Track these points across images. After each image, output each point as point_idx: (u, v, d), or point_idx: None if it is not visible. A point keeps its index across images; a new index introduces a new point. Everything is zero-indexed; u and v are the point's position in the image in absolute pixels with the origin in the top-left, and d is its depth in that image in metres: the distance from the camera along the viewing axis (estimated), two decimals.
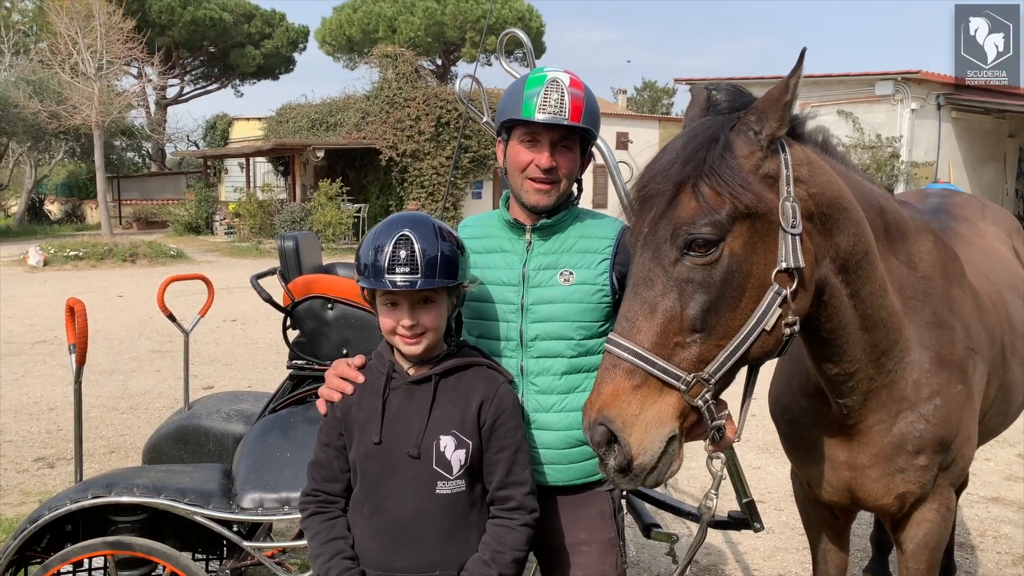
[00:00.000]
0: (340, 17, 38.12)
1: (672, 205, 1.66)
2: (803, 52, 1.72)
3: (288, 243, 3.22)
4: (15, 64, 28.53)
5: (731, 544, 4.37)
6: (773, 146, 1.73)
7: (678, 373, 1.64)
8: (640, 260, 1.70)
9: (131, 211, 33.96)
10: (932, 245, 2.30)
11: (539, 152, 2.01)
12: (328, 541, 1.90)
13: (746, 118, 1.73)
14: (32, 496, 4.92)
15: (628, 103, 40.19)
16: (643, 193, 1.73)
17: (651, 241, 1.68)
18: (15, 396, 7.35)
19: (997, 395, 2.58)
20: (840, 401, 2.16)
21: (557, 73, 2.00)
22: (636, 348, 1.64)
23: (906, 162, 19.72)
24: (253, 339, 10.04)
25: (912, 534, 2.34)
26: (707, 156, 1.66)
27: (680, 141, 1.74)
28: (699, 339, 1.66)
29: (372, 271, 1.84)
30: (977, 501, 5.03)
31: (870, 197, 2.10)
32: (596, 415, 1.64)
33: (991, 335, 2.46)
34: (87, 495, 2.64)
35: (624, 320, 1.69)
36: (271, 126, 29.14)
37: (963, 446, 2.29)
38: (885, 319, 2.06)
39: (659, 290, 1.66)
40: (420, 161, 25.08)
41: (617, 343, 1.66)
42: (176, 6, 36.48)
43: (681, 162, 1.68)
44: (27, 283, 15.72)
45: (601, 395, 1.65)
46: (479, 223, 2.21)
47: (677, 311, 1.65)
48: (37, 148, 30.59)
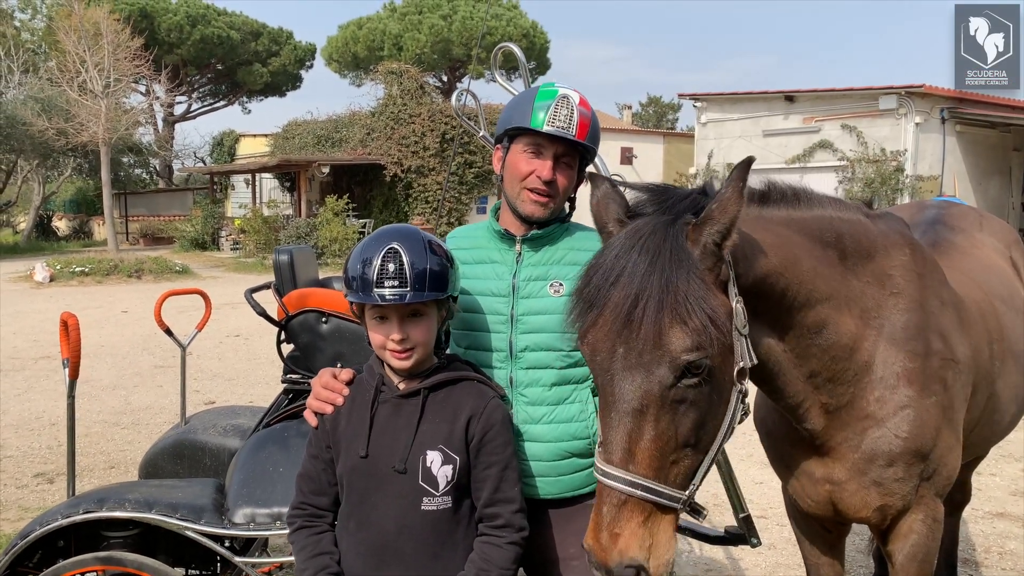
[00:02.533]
0: (346, 34, 38.42)
1: (659, 333, 1.61)
2: (749, 160, 1.71)
3: (283, 257, 3.22)
4: (24, 82, 28.80)
5: (732, 560, 4.33)
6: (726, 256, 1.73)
7: (676, 495, 1.66)
8: (624, 385, 1.63)
9: (138, 227, 34.16)
10: (908, 258, 2.28)
11: (542, 163, 2.03)
12: (313, 556, 1.88)
13: (705, 230, 1.69)
14: (31, 512, 4.91)
15: (633, 119, 40.29)
16: (615, 313, 1.65)
17: (637, 366, 1.62)
18: (17, 411, 7.36)
19: (987, 405, 2.56)
20: (800, 425, 2.18)
21: (568, 90, 2.04)
22: (641, 481, 1.62)
23: (911, 176, 19.69)
24: (256, 354, 10.04)
25: (900, 546, 2.33)
26: (679, 278, 1.63)
27: (638, 255, 1.66)
28: (689, 453, 1.68)
29: (360, 285, 1.82)
30: (982, 517, 4.97)
31: (823, 228, 2.08)
32: (621, 559, 1.61)
33: (976, 345, 2.45)
34: (78, 510, 2.62)
35: (618, 449, 1.62)
36: (277, 142, 29.33)
37: (945, 455, 2.28)
38: (825, 351, 2.05)
39: (652, 415, 1.62)
40: (425, 177, 25.17)
41: (619, 477, 1.62)
42: (185, 24, 36.85)
43: (655, 285, 1.63)
44: (33, 299, 15.78)
45: (621, 537, 1.62)
46: (468, 234, 2.21)
47: (672, 433, 1.65)
48: (45, 165, 30.81)
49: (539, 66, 38.82)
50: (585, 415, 2.07)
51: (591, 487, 2.10)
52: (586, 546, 1.66)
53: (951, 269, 2.61)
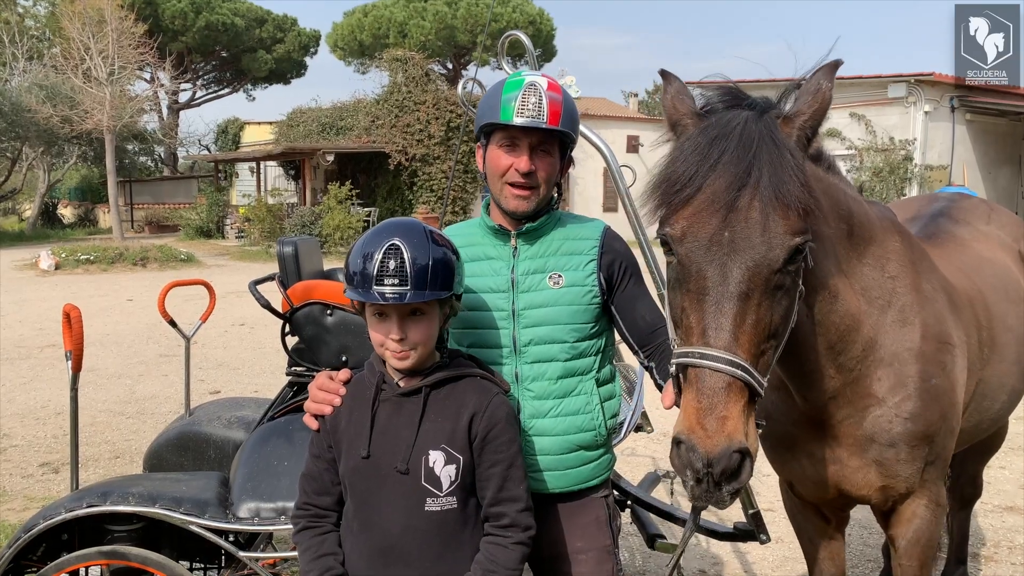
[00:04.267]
0: (351, 21, 38.24)
1: (770, 216, 1.63)
2: (837, 63, 1.77)
3: (287, 248, 3.19)
4: (28, 69, 28.77)
5: (739, 554, 4.30)
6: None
7: (764, 384, 1.65)
8: (732, 268, 1.63)
9: (143, 215, 34.14)
10: (900, 244, 2.33)
11: (518, 156, 1.99)
12: (317, 557, 1.85)
13: (797, 122, 1.74)
14: (36, 501, 4.90)
15: (639, 106, 40.04)
16: (718, 197, 1.65)
17: (747, 249, 1.62)
18: (23, 400, 7.36)
19: (976, 391, 2.58)
20: (802, 394, 2.18)
21: (535, 77, 1.99)
22: (744, 364, 1.60)
23: (919, 165, 19.56)
24: (261, 343, 10.03)
25: (903, 531, 2.35)
26: (784, 164, 1.65)
27: (737, 142, 1.67)
28: (772, 345, 1.70)
29: (361, 281, 1.77)
30: (992, 511, 4.94)
31: (840, 201, 2.12)
32: (730, 443, 1.54)
33: (967, 331, 2.48)
34: (82, 504, 2.60)
35: (723, 332, 1.60)
36: (282, 130, 29.24)
37: (947, 439, 2.31)
38: (838, 322, 2.08)
39: (756, 299, 1.63)
40: (429, 165, 25.08)
41: (724, 359, 1.58)
42: (189, 11, 36.72)
43: (763, 171, 1.64)
44: (38, 287, 15.80)
45: (728, 420, 1.56)
46: (461, 232, 2.17)
47: (768, 320, 1.66)
48: (50, 153, 30.78)
49: (545, 53, 38.61)
50: (591, 407, 2.06)
51: (598, 479, 2.11)
52: (683, 435, 1.57)
53: (943, 260, 2.65)
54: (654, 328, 2.04)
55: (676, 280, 1.72)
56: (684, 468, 1.57)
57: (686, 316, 1.68)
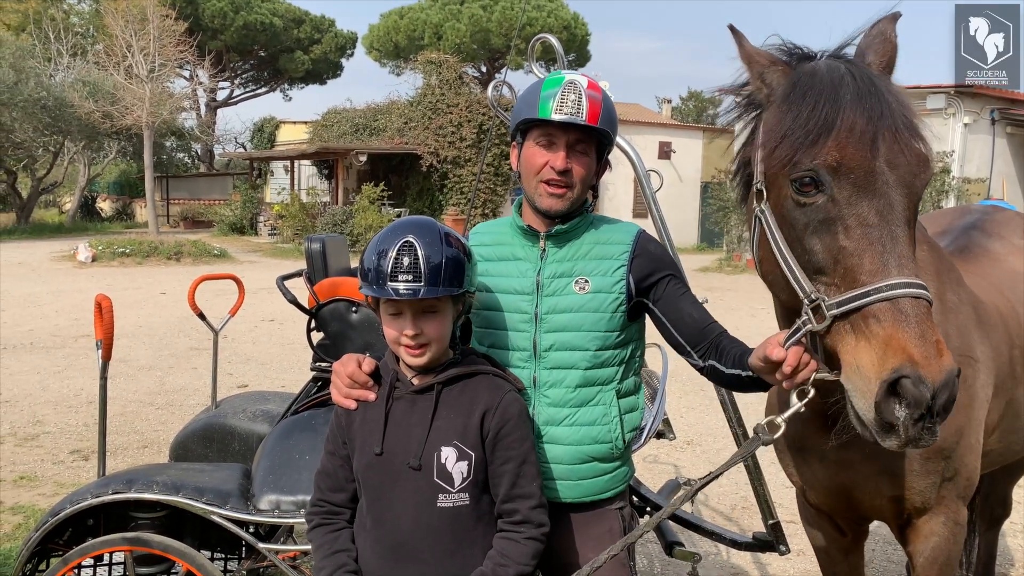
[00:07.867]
0: (387, 23, 38.52)
1: (918, 148, 1.71)
2: (897, 15, 1.86)
3: (315, 245, 3.23)
4: (72, 65, 29.39)
5: (760, 565, 4.26)
6: None
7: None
8: (897, 198, 1.67)
9: (179, 210, 34.69)
10: (925, 253, 2.30)
11: (554, 153, 1.95)
12: (331, 554, 1.86)
13: (888, 77, 1.81)
14: (66, 488, 5.01)
15: (673, 113, 39.83)
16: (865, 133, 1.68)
17: (905, 179, 1.69)
18: (57, 388, 7.52)
19: (1007, 411, 2.51)
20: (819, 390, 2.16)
21: (575, 76, 1.96)
22: (929, 288, 1.64)
23: (957, 178, 19.19)
24: (290, 339, 10.14)
25: (921, 548, 2.30)
26: (901, 100, 1.73)
27: (860, 82, 1.72)
28: None
29: (375, 277, 1.79)
30: (1021, 531, 4.83)
31: None
32: (952, 368, 1.52)
33: (996, 347, 2.41)
34: (108, 490, 2.66)
35: (908, 260, 1.63)
36: (316, 130, 29.55)
37: (966, 455, 2.24)
38: None
39: (912, 227, 1.69)
40: (461, 167, 25.18)
41: (919, 284, 1.59)
42: (228, 11, 37.28)
43: (896, 108, 1.72)
44: (75, 278, 16.13)
45: (942, 344, 1.55)
46: (491, 230, 2.16)
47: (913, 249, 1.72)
48: (91, 147, 31.43)
49: (579, 58, 38.55)
50: (608, 418, 2.01)
51: (612, 492, 2.06)
52: (906, 367, 1.51)
53: (974, 274, 2.59)
54: (704, 324, 1.95)
55: (822, 222, 1.69)
56: (916, 406, 1.51)
57: (848, 256, 1.64)
